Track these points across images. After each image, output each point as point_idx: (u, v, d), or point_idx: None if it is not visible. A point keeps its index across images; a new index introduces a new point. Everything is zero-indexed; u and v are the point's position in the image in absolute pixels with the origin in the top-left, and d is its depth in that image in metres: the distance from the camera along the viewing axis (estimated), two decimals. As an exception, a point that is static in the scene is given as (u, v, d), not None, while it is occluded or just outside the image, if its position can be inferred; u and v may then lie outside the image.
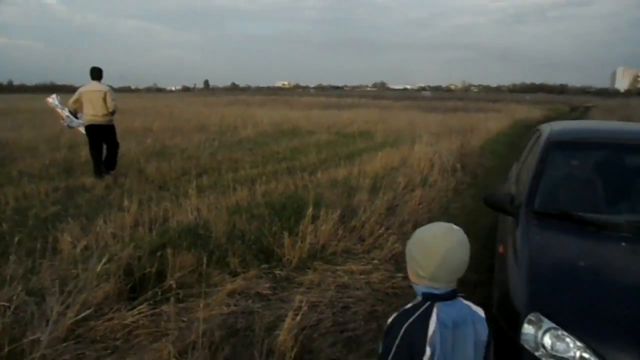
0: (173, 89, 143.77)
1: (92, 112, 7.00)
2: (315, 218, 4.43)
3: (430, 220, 5.27)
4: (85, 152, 7.86)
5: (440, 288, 1.35)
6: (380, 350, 1.32)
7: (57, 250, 3.91)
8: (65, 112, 7.51)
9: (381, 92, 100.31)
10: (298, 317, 2.74)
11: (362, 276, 3.77)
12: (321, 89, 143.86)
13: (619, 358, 1.82)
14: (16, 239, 3.56)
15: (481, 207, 6.23)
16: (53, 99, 7.73)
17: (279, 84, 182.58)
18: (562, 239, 2.52)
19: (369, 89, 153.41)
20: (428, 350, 1.24)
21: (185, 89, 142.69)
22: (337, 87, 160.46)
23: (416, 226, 4.89)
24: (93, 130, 7.08)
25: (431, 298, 1.34)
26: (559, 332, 1.93)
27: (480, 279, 3.86)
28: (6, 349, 2.46)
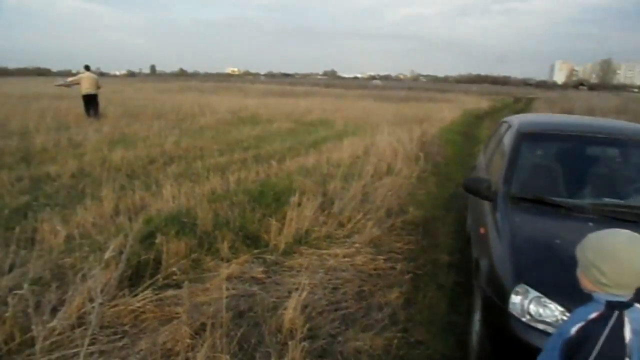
0: (117, 73, 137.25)
1: (87, 87, 12.70)
2: (295, 205, 4.59)
3: (401, 205, 5.59)
4: (40, 140, 8.66)
5: (625, 295, 1.34)
6: None
7: (36, 240, 3.84)
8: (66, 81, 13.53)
9: (332, 81, 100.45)
10: (303, 296, 2.92)
11: (346, 259, 3.99)
12: (271, 76, 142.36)
13: None
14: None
15: (445, 193, 6.65)
16: (63, 81, 13.92)
17: (228, 70, 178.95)
18: (537, 220, 2.85)
19: (319, 77, 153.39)
20: None
21: (131, 74, 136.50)
22: (288, 75, 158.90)
23: (390, 212, 5.22)
24: (87, 97, 12.79)
25: (617, 306, 1.32)
26: (543, 300, 2.24)
27: (451, 260, 4.19)
28: (17, 339, 2.48)
